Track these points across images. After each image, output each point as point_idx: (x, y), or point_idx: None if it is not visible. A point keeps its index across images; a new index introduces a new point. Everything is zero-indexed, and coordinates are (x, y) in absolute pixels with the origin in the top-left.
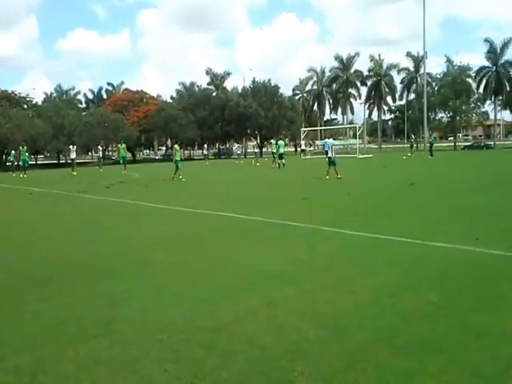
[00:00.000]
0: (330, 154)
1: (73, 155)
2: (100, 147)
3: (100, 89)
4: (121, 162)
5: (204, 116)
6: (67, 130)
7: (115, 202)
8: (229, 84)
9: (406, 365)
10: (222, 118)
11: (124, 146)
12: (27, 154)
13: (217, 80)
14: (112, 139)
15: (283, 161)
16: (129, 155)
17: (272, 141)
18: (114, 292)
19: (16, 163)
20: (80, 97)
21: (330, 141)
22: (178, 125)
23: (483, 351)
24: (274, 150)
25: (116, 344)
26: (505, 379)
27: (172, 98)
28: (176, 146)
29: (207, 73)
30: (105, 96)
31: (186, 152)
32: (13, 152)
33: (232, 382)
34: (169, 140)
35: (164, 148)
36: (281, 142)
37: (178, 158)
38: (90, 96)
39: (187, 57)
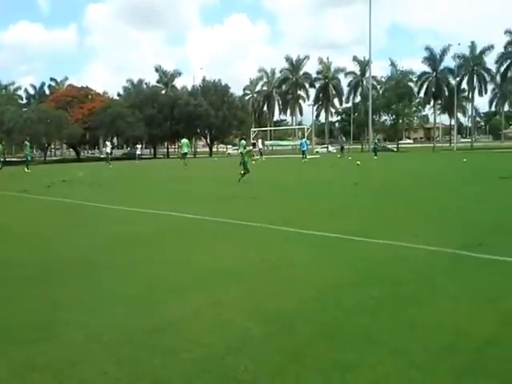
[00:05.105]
0: None
1: None
2: (108, 143)
3: (42, 84)
4: (27, 160)
5: (152, 114)
6: (6, 127)
7: (57, 201)
8: (178, 83)
9: (345, 358)
10: (171, 117)
11: (28, 144)
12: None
13: (166, 78)
14: (55, 136)
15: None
16: (72, 153)
17: (243, 141)
18: (58, 295)
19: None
20: (21, 92)
21: None
22: (124, 122)
23: (418, 341)
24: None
25: (54, 348)
26: (438, 366)
27: (119, 95)
28: (242, 142)
29: (156, 70)
30: (47, 92)
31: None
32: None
33: (175, 381)
34: (115, 138)
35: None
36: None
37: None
38: (32, 91)
39: (136, 54)
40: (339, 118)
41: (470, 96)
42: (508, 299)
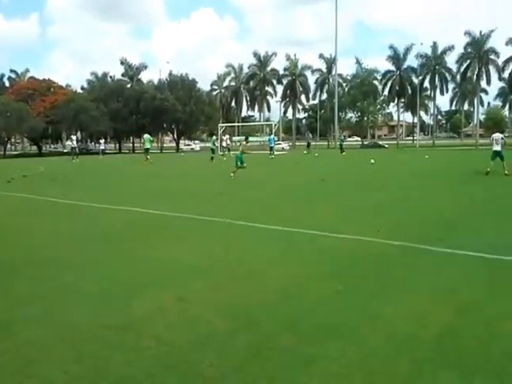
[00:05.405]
0: (496, 148)
1: None
2: (73, 137)
3: (2, 76)
4: None
5: (117, 108)
6: None
7: (17, 196)
8: (144, 76)
9: (309, 351)
10: (136, 111)
11: None
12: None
13: (131, 71)
14: (15, 130)
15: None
16: (34, 148)
17: (214, 137)
18: (17, 292)
19: None
20: None
21: (496, 135)
22: (88, 116)
23: (379, 333)
24: (213, 147)
25: (12, 347)
26: (399, 357)
27: (82, 88)
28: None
29: (122, 63)
30: (7, 84)
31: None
32: None
33: (137, 379)
34: (78, 132)
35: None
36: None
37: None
38: None
39: (100, 47)
40: (306, 114)
41: (432, 95)
42: (465, 291)
